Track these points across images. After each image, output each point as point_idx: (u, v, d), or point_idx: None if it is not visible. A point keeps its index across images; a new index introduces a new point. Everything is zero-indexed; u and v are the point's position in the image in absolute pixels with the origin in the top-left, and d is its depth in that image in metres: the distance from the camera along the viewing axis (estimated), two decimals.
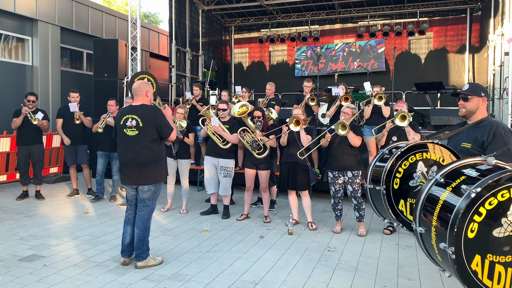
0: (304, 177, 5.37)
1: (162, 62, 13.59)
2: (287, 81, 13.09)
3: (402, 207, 2.65)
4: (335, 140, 5.16)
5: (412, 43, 12.36)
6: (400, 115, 4.91)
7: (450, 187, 2.10)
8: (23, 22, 9.34)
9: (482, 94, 2.81)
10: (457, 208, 1.97)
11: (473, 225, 1.94)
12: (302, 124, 5.21)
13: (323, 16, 12.92)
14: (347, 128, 4.92)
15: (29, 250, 4.38)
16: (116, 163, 6.76)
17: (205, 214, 6.01)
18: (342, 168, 5.13)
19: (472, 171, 2.11)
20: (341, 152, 5.12)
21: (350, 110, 5.19)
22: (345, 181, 5.17)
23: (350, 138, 5.03)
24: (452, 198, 2.06)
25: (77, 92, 7.00)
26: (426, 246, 2.24)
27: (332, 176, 5.22)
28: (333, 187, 5.24)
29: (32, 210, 6.11)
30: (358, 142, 5.09)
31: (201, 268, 3.96)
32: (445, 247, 1.98)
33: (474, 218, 1.93)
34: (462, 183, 2.05)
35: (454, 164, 2.23)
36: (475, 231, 1.94)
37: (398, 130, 5.10)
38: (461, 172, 2.15)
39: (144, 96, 3.96)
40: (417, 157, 2.66)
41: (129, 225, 4.05)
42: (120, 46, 9.23)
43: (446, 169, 2.21)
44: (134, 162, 3.88)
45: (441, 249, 2.02)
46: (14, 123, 6.61)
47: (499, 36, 8.75)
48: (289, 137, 5.40)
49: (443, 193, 2.11)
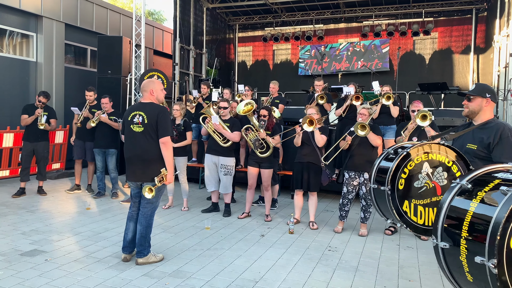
0: (317, 178, 5.34)
1: (165, 60, 13.60)
2: (290, 80, 13.08)
3: (406, 208, 2.63)
4: (354, 142, 5.13)
5: (417, 43, 12.31)
6: (421, 114, 4.78)
7: (483, 191, 1.87)
8: (28, 18, 9.37)
9: (487, 95, 2.78)
10: (498, 212, 1.69)
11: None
12: (315, 124, 5.13)
13: (328, 15, 12.89)
14: (367, 128, 4.87)
15: (30, 245, 4.39)
16: (112, 160, 6.78)
17: (206, 212, 6.02)
18: (359, 169, 5.10)
19: (508, 175, 1.90)
20: (360, 154, 5.09)
21: (366, 110, 5.15)
22: (360, 183, 5.14)
23: (370, 138, 5.00)
24: (488, 203, 1.80)
25: (92, 90, 6.92)
26: (449, 264, 1.97)
27: (348, 177, 5.19)
28: (346, 188, 5.20)
29: (34, 205, 6.13)
30: (379, 142, 5.06)
31: (201, 266, 3.96)
32: (483, 260, 1.70)
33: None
34: (496, 186, 1.81)
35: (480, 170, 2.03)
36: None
37: (418, 130, 5.03)
38: (492, 176, 1.93)
39: (149, 94, 3.97)
40: (422, 158, 2.64)
41: (132, 222, 4.06)
42: (124, 43, 9.24)
43: (471, 175, 2.00)
44: (139, 158, 3.90)
45: (477, 264, 1.74)
46: (24, 121, 6.62)
47: (505, 37, 8.70)
48: (303, 138, 5.34)
49: (474, 199, 1.87)
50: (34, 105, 6.65)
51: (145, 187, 3.82)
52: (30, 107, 6.69)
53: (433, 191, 2.65)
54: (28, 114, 6.61)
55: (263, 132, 5.53)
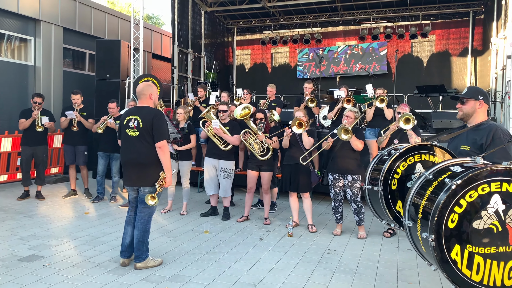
0: (306, 179, 5.36)
1: (164, 63, 13.61)
2: (289, 83, 13.10)
3: (400, 208, 2.66)
4: (336, 144, 5.14)
5: (415, 46, 12.35)
6: (404, 118, 4.86)
7: (436, 181, 2.20)
8: (26, 22, 9.38)
9: (480, 97, 2.83)
10: (439, 198, 2.07)
11: (454, 216, 2.03)
12: (305, 126, 5.19)
13: (326, 19, 12.93)
14: (349, 133, 4.88)
15: (28, 250, 4.38)
16: (116, 164, 6.77)
17: (205, 215, 6.01)
18: (342, 171, 5.12)
19: (458, 168, 2.22)
20: (342, 156, 5.10)
21: (352, 113, 5.16)
22: (345, 185, 5.16)
23: (352, 142, 5.01)
24: (436, 191, 2.16)
25: (79, 93, 6.95)
26: (414, 239, 2.32)
27: (332, 179, 5.21)
28: (333, 190, 5.22)
29: (32, 210, 6.12)
30: (360, 146, 5.07)
31: (200, 270, 3.95)
32: (427, 235, 2.06)
33: (455, 209, 2.03)
34: (446, 177, 2.15)
35: (444, 163, 2.34)
36: (455, 221, 2.03)
37: (399, 133, 5.09)
38: (448, 169, 2.26)
39: (148, 98, 3.99)
40: (415, 159, 2.68)
41: (130, 226, 4.06)
42: (122, 47, 9.24)
43: (436, 167, 2.31)
44: (135, 162, 3.89)
45: (424, 239, 2.11)
46: (22, 124, 6.62)
47: (502, 39, 8.73)
48: (291, 139, 5.39)
49: (430, 187, 2.21)
50: (31, 109, 6.64)
51: (147, 196, 3.83)
52: (27, 111, 6.68)
53: None
54: (25, 118, 6.61)
55: (261, 135, 5.54)
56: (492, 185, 2.05)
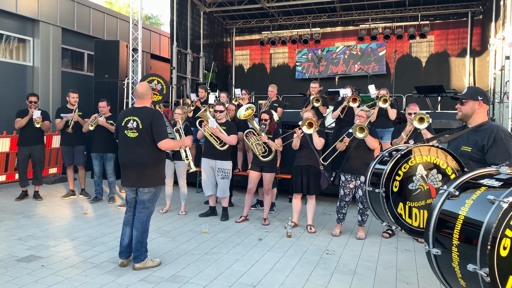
0: (316, 181, 5.34)
1: (163, 64, 13.59)
2: (288, 84, 13.12)
3: (401, 210, 2.64)
4: (351, 144, 5.12)
5: (413, 46, 12.37)
6: (418, 117, 4.80)
7: (471, 199, 1.86)
8: (25, 22, 9.36)
9: (479, 97, 2.81)
10: (488, 221, 1.70)
11: (506, 241, 1.68)
12: (315, 127, 5.15)
13: (325, 19, 12.94)
14: (365, 130, 4.86)
15: (27, 250, 4.37)
16: (111, 164, 6.75)
17: (203, 216, 6.00)
18: (356, 172, 5.09)
19: (492, 181, 1.90)
20: (357, 156, 5.08)
21: (364, 113, 5.15)
22: (356, 186, 5.14)
23: (368, 141, 5.00)
24: (477, 211, 1.80)
25: (76, 92, 6.95)
26: (442, 269, 1.99)
27: (344, 180, 5.19)
28: (343, 190, 5.20)
29: (30, 211, 6.10)
30: (376, 145, 5.06)
31: (199, 270, 3.94)
32: (475, 268, 1.72)
33: (506, 233, 1.68)
34: (486, 193, 1.81)
35: (467, 175, 2.04)
36: (508, 248, 1.70)
37: (414, 133, 5.05)
38: (478, 183, 1.94)
39: (149, 99, 4.03)
40: (417, 160, 2.65)
41: (128, 227, 4.05)
42: (121, 47, 9.24)
43: (459, 181, 2.01)
44: (134, 164, 3.88)
45: (469, 272, 1.75)
46: (19, 123, 6.60)
47: (500, 40, 8.75)
48: (301, 140, 5.36)
49: (463, 206, 1.87)
50: (27, 110, 6.61)
51: None
52: (24, 112, 6.65)
53: (428, 193, 2.66)
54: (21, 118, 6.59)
55: (264, 136, 5.53)
56: None
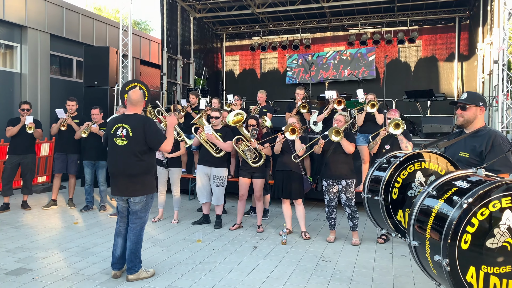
0: (299, 186, 5.33)
1: (153, 70, 13.52)
2: (278, 89, 13.13)
3: (401, 218, 2.63)
4: (329, 148, 5.13)
5: (402, 51, 12.49)
6: (394, 123, 4.92)
7: (442, 199, 2.12)
8: (12, 29, 9.21)
9: (480, 103, 2.81)
10: (450, 218, 1.99)
11: (466, 236, 1.95)
12: (298, 133, 5.17)
13: (314, 24, 13.01)
14: (340, 133, 4.89)
15: (16, 263, 4.25)
16: (102, 172, 6.65)
17: (197, 224, 5.93)
18: (336, 177, 5.10)
19: (463, 183, 2.14)
20: (335, 161, 5.09)
21: (342, 117, 5.18)
22: (339, 190, 5.14)
23: (344, 145, 5.01)
24: (445, 209, 2.07)
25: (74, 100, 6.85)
26: (421, 260, 2.23)
27: (326, 185, 5.19)
28: (328, 196, 5.20)
29: (19, 221, 5.96)
30: (351, 149, 5.07)
31: (194, 280, 3.88)
32: (440, 259, 1.98)
33: (467, 229, 1.95)
34: (453, 194, 2.07)
35: (446, 176, 2.26)
36: (468, 242, 1.95)
37: (391, 138, 5.11)
38: (452, 184, 2.17)
39: (141, 107, 3.98)
40: (415, 167, 2.65)
41: (120, 237, 3.96)
42: (111, 53, 9.15)
43: (438, 182, 2.24)
44: (124, 173, 3.79)
45: (436, 262, 2.02)
46: (10, 131, 6.45)
47: (488, 44, 8.88)
48: (283, 146, 5.37)
49: (436, 205, 2.13)
50: (19, 118, 6.49)
51: None
52: (15, 120, 6.53)
53: None
54: (13, 126, 6.46)
55: (254, 142, 5.51)
56: (503, 201, 1.98)
